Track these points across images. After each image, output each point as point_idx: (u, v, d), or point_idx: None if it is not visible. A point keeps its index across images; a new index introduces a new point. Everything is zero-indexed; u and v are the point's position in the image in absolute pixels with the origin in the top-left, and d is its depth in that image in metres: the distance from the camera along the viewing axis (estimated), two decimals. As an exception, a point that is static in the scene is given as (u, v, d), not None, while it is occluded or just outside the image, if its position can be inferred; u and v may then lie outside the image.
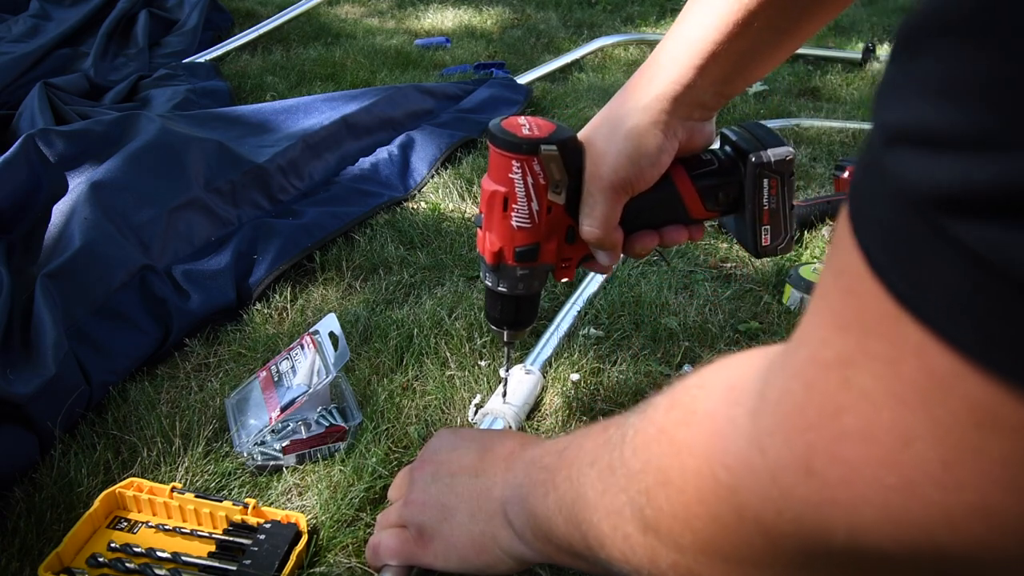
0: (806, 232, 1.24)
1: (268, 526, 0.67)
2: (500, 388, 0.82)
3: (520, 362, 0.89)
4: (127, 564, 0.64)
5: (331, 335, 0.82)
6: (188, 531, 0.68)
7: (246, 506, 0.68)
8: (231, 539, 0.67)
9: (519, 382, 0.84)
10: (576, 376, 0.88)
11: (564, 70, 2.03)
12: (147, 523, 0.69)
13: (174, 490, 0.69)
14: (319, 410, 0.79)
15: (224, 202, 1.17)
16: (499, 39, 2.34)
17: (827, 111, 1.80)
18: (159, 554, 0.65)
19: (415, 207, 1.30)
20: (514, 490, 0.56)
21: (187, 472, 0.74)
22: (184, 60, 1.92)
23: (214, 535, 0.67)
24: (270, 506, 0.70)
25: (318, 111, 1.50)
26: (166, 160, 1.15)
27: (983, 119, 0.21)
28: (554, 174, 0.58)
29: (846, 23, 2.61)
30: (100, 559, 0.65)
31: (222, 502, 0.68)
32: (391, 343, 0.93)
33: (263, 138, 1.40)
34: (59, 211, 1.02)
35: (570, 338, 0.95)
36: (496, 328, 0.71)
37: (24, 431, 0.75)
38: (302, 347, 0.83)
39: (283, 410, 0.77)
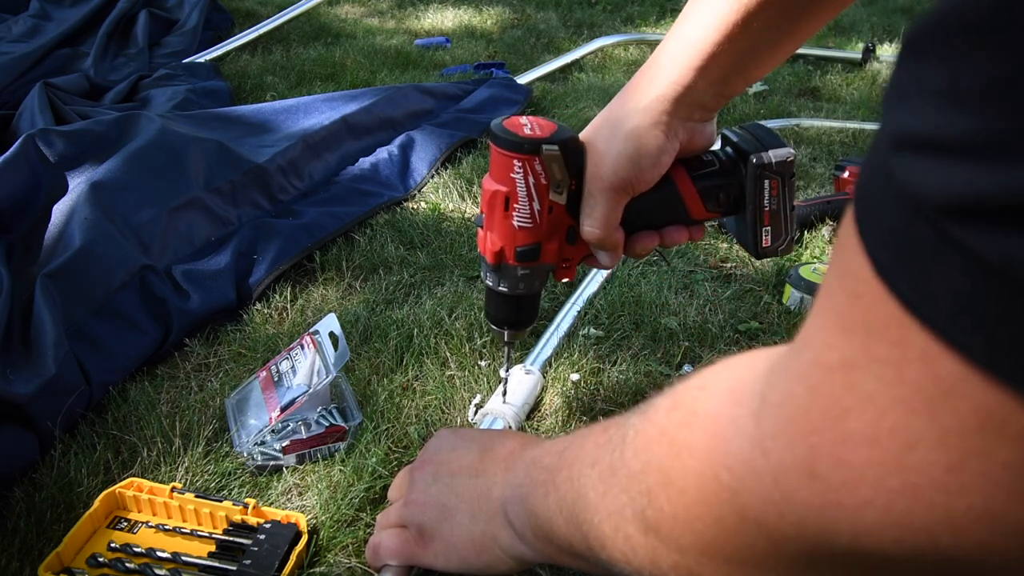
0: (806, 232, 1.24)
1: (268, 526, 0.67)
2: (500, 388, 0.82)
3: (520, 362, 0.89)
4: (127, 564, 0.64)
5: (331, 335, 0.82)
6: (188, 531, 0.68)
7: (246, 506, 0.68)
8: (231, 539, 0.67)
9: (519, 382, 0.84)
10: (576, 376, 0.88)
11: (564, 70, 2.03)
12: (147, 523, 0.69)
13: (174, 490, 0.69)
14: (319, 410, 0.79)
15: (224, 202, 1.17)
16: (499, 39, 2.34)
17: (827, 111, 1.80)
18: (159, 554, 0.65)
19: (415, 207, 1.30)
20: (514, 490, 0.56)
21: (187, 472, 0.74)
22: (184, 60, 1.92)
23: (214, 535, 0.67)
24: (270, 506, 0.70)
25: (318, 111, 1.50)
26: (166, 160, 1.15)
27: (993, 125, 0.21)
28: (555, 174, 0.58)
29: (846, 23, 2.61)
30: (100, 559, 0.64)
31: (222, 502, 0.68)
32: (391, 343, 0.93)
33: (263, 138, 1.40)
34: (59, 211, 1.02)
35: (570, 338, 0.95)
36: (496, 328, 0.71)
37: (24, 431, 0.75)
38: (302, 347, 0.83)
39: (283, 410, 0.77)
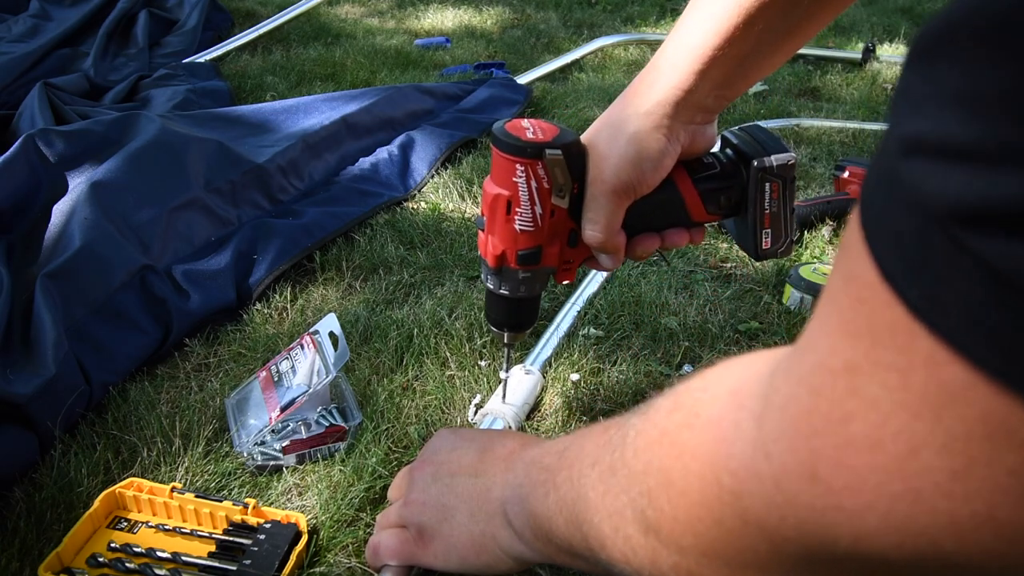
0: (806, 232, 1.24)
1: (268, 526, 0.67)
2: (499, 389, 0.82)
3: (520, 362, 0.89)
4: (127, 564, 0.64)
5: (331, 335, 0.82)
6: (188, 531, 0.68)
7: (246, 506, 0.68)
8: (231, 539, 0.67)
9: (519, 382, 0.84)
10: (576, 376, 0.88)
11: (564, 70, 2.03)
12: (147, 523, 0.69)
13: (174, 490, 0.69)
14: (319, 410, 0.79)
15: (224, 202, 1.17)
16: (499, 39, 2.34)
17: (827, 111, 1.80)
18: (159, 554, 0.65)
19: (415, 207, 1.30)
20: (514, 490, 0.56)
21: (187, 472, 0.74)
22: (184, 60, 1.92)
23: (214, 535, 0.67)
24: (270, 506, 0.70)
25: (318, 111, 1.50)
26: (166, 160, 1.14)
27: (1006, 131, 0.21)
28: (558, 178, 0.58)
29: (846, 23, 2.61)
30: (100, 559, 0.65)
31: (222, 502, 0.68)
32: (391, 343, 0.93)
33: (263, 138, 1.40)
34: (59, 211, 1.02)
35: (570, 338, 0.96)
36: (497, 330, 0.71)
37: (24, 431, 0.75)
38: (302, 347, 0.83)
39: (283, 410, 0.77)
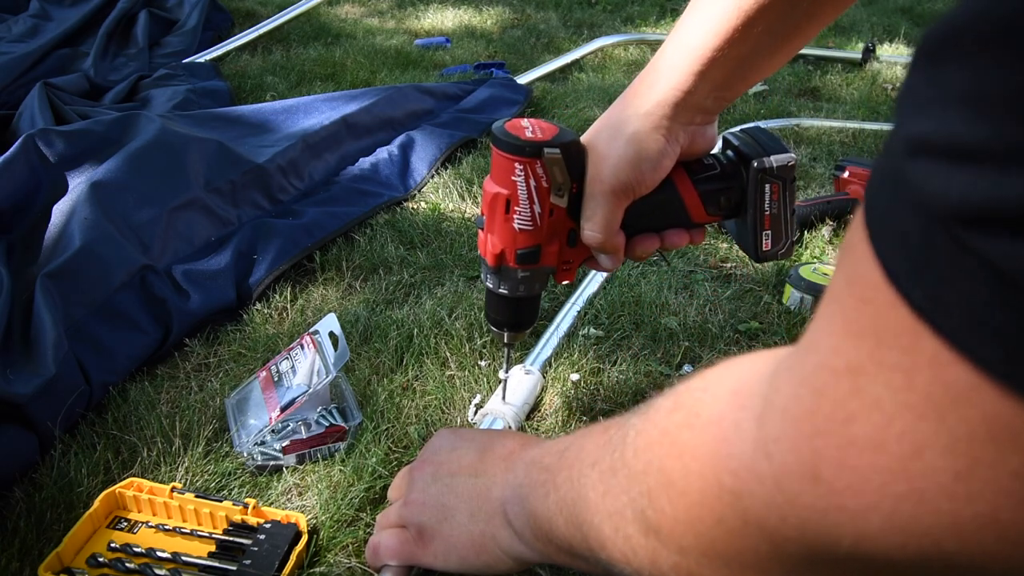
0: (806, 232, 1.24)
1: (268, 526, 0.67)
2: (499, 389, 0.82)
3: (520, 362, 0.89)
4: (127, 564, 0.64)
5: (331, 335, 0.82)
6: (188, 531, 0.68)
7: (246, 506, 0.68)
8: (231, 539, 0.67)
9: (519, 382, 0.84)
10: (576, 376, 0.88)
11: (564, 70, 2.03)
12: (147, 523, 0.69)
13: (174, 490, 0.69)
14: (319, 410, 0.79)
15: (224, 202, 1.17)
16: (499, 39, 2.34)
17: (827, 111, 1.80)
18: (159, 554, 0.65)
19: (415, 207, 1.30)
20: (514, 490, 0.56)
21: (187, 472, 0.74)
22: (184, 60, 1.92)
23: (214, 535, 0.67)
24: (270, 506, 0.70)
25: (318, 111, 1.50)
26: (166, 160, 1.14)
27: (1011, 132, 0.21)
28: (557, 177, 0.58)
29: (846, 23, 2.61)
30: (100, 559, 0.65)
31: (222, 502, 0.68)
32: (391, 343, 0.93)
33: (263, 138, 1.40)
34: (59, 211, 1.02)
35: (570, 338, 0.96)
36: (496, 330, 0.71)
37: (24, 431, 0.75)
38: (302, 347, 0.83)
39: (283, 410, 0.77)
